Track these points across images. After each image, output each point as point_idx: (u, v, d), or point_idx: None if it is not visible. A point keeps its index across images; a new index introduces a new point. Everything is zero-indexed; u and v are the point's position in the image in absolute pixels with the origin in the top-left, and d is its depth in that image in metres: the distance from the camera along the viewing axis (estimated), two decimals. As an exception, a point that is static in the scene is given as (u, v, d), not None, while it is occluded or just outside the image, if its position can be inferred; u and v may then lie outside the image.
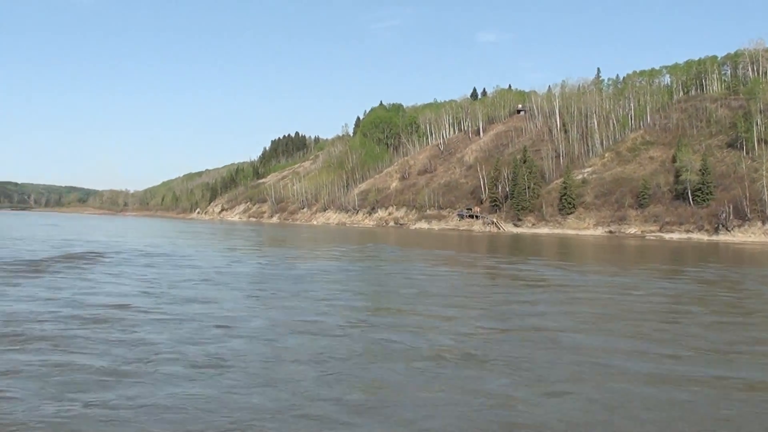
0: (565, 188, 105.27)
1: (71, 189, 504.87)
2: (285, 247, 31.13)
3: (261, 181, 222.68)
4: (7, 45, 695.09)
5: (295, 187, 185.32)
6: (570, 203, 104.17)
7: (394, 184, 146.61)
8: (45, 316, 13.32)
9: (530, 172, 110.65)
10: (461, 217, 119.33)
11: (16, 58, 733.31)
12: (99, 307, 14.24)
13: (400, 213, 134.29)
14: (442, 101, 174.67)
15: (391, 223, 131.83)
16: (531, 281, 24.08)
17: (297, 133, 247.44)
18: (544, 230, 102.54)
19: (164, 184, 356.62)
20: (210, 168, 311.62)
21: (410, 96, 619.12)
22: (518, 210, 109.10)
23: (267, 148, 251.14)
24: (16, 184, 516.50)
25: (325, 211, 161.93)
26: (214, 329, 12.42)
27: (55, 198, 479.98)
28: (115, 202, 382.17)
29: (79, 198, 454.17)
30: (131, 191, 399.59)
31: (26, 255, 21.58)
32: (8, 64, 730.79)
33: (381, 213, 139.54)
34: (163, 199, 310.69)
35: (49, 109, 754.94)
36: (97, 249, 30.38)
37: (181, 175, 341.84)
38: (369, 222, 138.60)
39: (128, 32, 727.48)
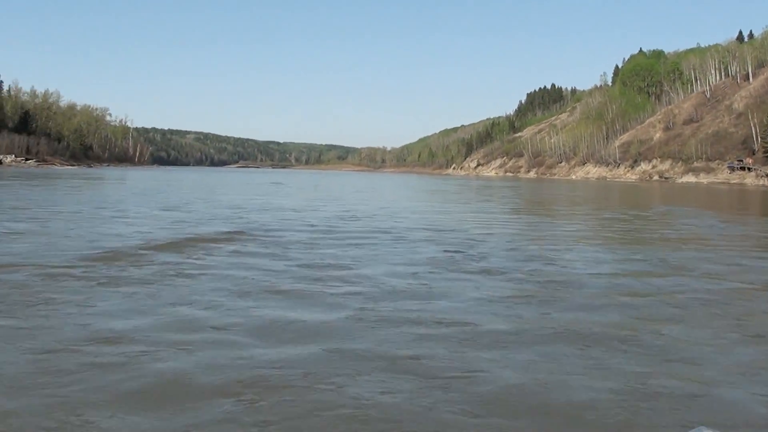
0: None
1: (330, 147, 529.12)
2: (580, 219, 29.86)
3: (517, 135, 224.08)
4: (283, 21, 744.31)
5: (552, 141, 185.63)
6: None
7: (658, 134, 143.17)
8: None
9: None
10: (732, 169, 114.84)
11: (286, 35, 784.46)
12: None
13: (664, 166, 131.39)
14: (706, 46, 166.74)
15: (656, 177, 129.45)
16: None
17: (553, 85, 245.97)
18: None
19: (421, 140, 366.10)
20: (466, 124, 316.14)
21: (671, 41, 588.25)
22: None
23: (522, 102, 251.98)
24: (278, 143, 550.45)
25: (584, 164, 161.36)
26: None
27: (315, 156, 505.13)
28: (372, 159, 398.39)
29: (338, 155, 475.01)
30: (388, 148, 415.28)
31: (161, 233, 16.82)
32: (278, 39, 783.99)
33: (644, 166, 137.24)
34: (419, 156, 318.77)
35: (307, 74, 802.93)
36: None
37: (437, 131, 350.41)
38: (631, 176, 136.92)
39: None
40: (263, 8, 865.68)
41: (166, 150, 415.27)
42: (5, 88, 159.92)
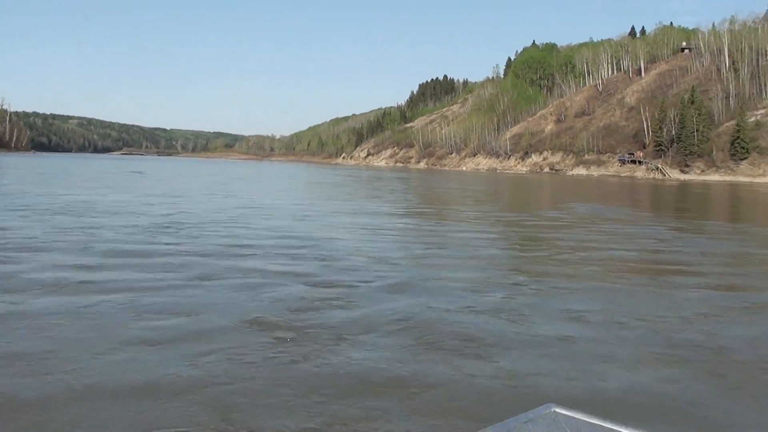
0: (738, 131, 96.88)
1: (218, 135, 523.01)
2: (466, 219, 24.92)
3: (408, 125, 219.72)
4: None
5: (443, 132, 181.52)
6: (743, 148, 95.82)
7: (549, 127, 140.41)
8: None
9: (699, 114, 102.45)
10: (623, 162, 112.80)
11: (163, 12, 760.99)
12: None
13: (555, 158, 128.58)
14: (599, 40, 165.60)
15: (546, 169, 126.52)
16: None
17: (445, 77, 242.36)
18: (714, 177, 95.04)
19: (311, 129, 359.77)
20: (357, 113, 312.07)
21: (564, 35, 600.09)
22: (685, 155, 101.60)
23: (414, 92, 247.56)
24: (164, 130, 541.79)
25: (474, 156, 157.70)
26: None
27: (201, 143, 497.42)
28: (261, 147, 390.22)
29: (226, 143, 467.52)
30: (277, 136, 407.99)
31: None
32: (158, 17, 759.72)
33: (535, 158, 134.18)
34: (308, 144, 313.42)
35: (197, 59, 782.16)
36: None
37: (328, 120, 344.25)
38: (522, 168, 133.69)
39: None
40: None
41: (48, 135, 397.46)
42: None
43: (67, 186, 35.91)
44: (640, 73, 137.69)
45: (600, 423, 1.77)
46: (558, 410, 1.85)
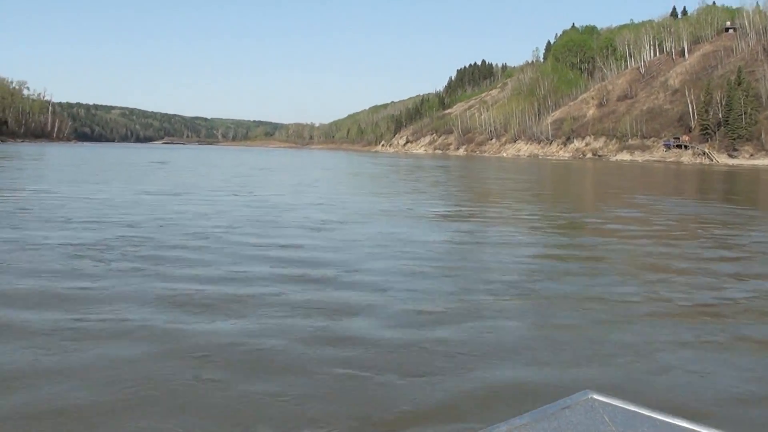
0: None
1: (258, 123, 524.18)
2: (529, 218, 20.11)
3: (447, 111, 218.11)
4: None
5: (482, 117, 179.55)
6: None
7: (591, 111, 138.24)
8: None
9: (747, 96, 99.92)
10: (668, 147, 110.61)
11: (205, 3, 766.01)
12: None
13: (598, 143, 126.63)
14: (640, 21, 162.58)
15: (589, 155, 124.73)
16: None
17: (483, 62, 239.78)
18: (764, 161, 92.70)
19: (350, 116, 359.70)
20: (396, 100, 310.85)
21: (604, 17, 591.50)
22: (733, 139, 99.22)
23: (453, 78, 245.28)
24: (205, 119, 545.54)
25: (515, 141, 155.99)
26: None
27: (242, 132, 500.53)
28: (300, 136, 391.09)
29: (266, 132, 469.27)
30: (317, 125, 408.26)
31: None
32: (200, 8, 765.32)
33: (577, 143, 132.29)
34: (348, 132, 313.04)
35: (238, 49, 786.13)
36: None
37: (367, 107, 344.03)
38: (564, 153, 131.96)
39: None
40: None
41: (90, 126, 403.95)
42: None
43: (65, 179, 33.12)
44: (684, 55, 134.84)
45: (638, 410, 1.76)
46: (596, 396, 1.84)
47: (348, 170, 60.91)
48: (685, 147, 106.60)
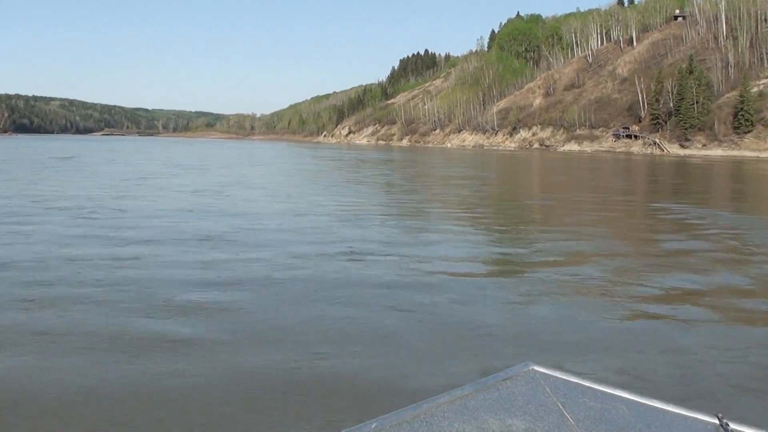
0: (741, 102, 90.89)
1: (200, 114, 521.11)
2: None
3: (390, 101, 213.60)
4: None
5: (426, 107, 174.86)
6: (747, 120, 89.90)
7: (538, 101, 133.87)
8: None
9: (699, 85, 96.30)
10: (617, 137, 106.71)
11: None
12: None
13: (545, 133, 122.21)
14: (587, 10, 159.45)
15: (536, 145, 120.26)
16: None
17: (426, 51, 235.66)
18: (716, 152, 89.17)
19: (291, 107, 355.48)
20: (338, 90, 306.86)
21: (549, 6, 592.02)
22: (685, 128, 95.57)
23: (395, 68, 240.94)
24: (146, 110, 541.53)
25: (459, 132, 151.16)
26: None
27: (183, 123, 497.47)
28: (242, 126, 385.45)
29: (207, 123, 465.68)
30: (258, 115, 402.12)
31: None
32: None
33: (524, 134, 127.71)
34: (289, 123, 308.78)
35: (178, 38, 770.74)
36: None
37: (309, 98, 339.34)
38: (510, 144, 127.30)
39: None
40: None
41: (29, 117, 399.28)
42: None
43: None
44: (632, 43, 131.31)
45: (579, 381, 1.79)
46: (537, 368, 1.87)
47: (285, 163, 55.60)
48: (636, 137, 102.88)
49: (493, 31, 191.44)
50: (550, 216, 18.24)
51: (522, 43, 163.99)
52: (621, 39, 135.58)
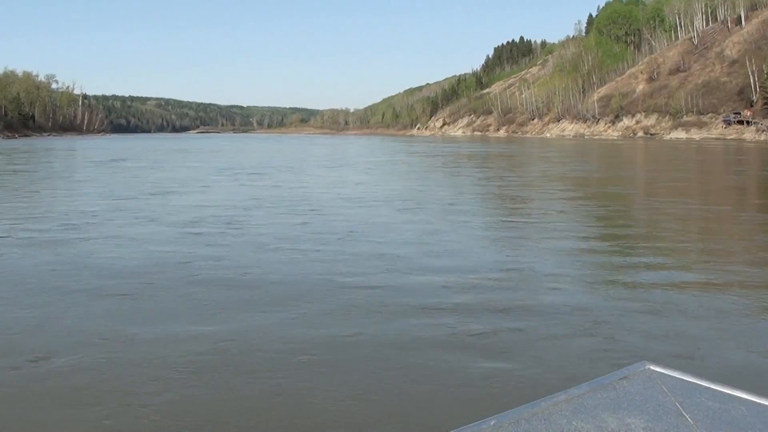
0: None
1: (294, 110, 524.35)
2: None
3: (485, 91, 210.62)
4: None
5: (523, 96, 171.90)
6: None
7: (641, 86, 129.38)
8: None
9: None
10: (728, 123, 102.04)
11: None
12: None
13: (649, 121, 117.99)
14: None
15: (640, 134, 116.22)
16: None
17: (521, 38, 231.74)
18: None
19: (384, 100, 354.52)
20: (431, 82, 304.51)
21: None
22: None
23: (490, 56, 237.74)
24: (241, 107, 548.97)
25: (559, 121, 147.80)
26: None
27: (277, 119, 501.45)
28: (335, 121, 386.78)
29: (301, 118, 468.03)
30: (351, 110, 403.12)
31: None
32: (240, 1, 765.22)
33: (627, 121, 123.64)
34: (383, 117, 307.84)
35: (271, 35, 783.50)
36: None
37: (402, 90, 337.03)
38: (612, 132, 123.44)
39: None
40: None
41: (126, 117, 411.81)
42: None
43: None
44: (740, 23, 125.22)
45: (696, 381, 1.76)
46: (653, 367, 1.86)
47: (373, 159, 52.26)
48: (748, 123, 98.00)
49: (590, 15, 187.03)
50: None
51: (622, 26, 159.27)
52: (728, 18, 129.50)
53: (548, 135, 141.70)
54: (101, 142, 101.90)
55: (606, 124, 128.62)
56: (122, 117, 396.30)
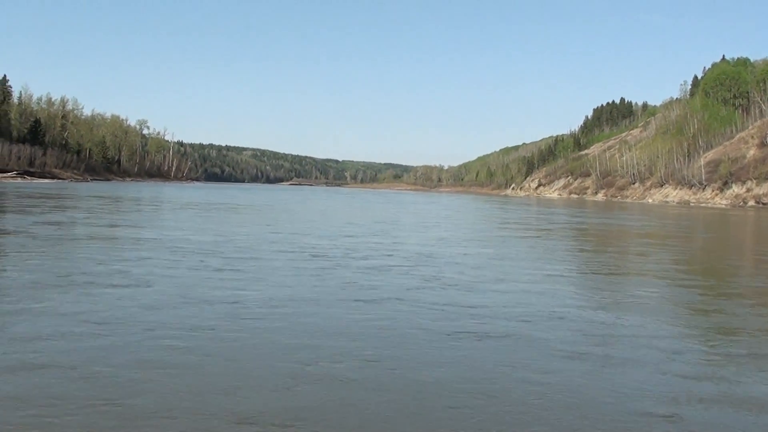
0: None
1: (388, 165, 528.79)
2: None
3: (583, 152, 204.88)
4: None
5: (623, 159, 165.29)
6: None
7: (752, 152, 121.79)
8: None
9: None
10: None
11: (347, 54, 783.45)
12: None
13: (762, 189, 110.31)
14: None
15: (751, 203, 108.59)
16: None
17: (622, 99, 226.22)
18: None
19: (479, 159, 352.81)
20: (527, 141, 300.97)
21: (756, 48, 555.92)
22: None
23: (589, 117, 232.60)
24: (336, 161, 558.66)
25: (662, 186, 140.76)
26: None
27: (371, 174, 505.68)
28: (429, 178, 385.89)
29: (395, 174, 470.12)
30: (445, 167, 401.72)
31: None
32: (340, 58, 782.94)
33: (736, 189, 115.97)
34: (477, 175, 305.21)
35: (367, 92, 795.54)
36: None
37: (497, 149, 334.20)
38: (721, 200, 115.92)
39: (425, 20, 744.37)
40: (321, 27, 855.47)
41: (221, 166, 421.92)
42: (15, 93, 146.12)
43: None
44: None
45: None
46: None
47: (463, 223, 43.84)
48: None
49: (695, 77, 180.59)
50: None
51: (730, 88, 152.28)
52: None
53: (650, 201, 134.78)
54: (168, 190, 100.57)
55: (713, 191, 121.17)
56: (217, 166, 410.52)
